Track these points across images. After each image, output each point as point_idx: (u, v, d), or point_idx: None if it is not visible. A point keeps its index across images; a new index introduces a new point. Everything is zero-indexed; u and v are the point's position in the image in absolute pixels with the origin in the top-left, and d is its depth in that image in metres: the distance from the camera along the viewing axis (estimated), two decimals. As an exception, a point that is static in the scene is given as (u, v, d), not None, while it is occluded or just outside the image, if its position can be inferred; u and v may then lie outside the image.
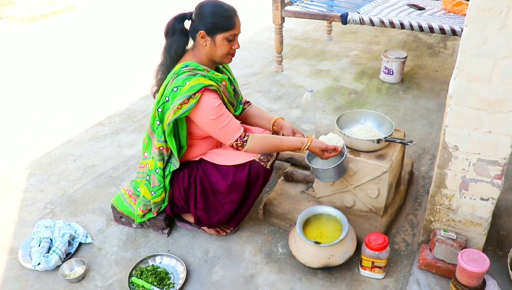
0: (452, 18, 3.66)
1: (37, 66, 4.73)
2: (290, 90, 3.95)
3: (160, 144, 2.01)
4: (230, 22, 1.93)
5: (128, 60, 4.86)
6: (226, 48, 1.97)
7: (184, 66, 1.95)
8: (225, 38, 1.94)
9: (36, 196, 2.64)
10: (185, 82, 1.88)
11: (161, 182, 2.10)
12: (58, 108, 3.75)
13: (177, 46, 2.00)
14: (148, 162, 2.14)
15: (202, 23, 1.93)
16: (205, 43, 1.96)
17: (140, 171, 2.21)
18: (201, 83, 1.88)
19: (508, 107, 1.59)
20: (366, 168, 2.11)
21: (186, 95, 1.86)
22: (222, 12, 1.93)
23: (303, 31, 5.55)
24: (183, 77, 1.90)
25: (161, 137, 2.00)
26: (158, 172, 2.08)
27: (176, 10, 2.08)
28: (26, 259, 2.15)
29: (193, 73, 1.92)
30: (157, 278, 2.00)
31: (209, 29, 1.92)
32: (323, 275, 2.05)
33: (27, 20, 6.26)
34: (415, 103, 3.65)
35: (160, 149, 2.02)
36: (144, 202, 2.17)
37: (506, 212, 2.37)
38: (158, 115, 1.97)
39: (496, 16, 1.48)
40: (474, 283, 1.67)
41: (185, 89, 1.86)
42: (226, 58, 2.03)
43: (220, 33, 1.93)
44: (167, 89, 1.93)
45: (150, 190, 2.13)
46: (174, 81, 1.92)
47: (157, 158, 2.05)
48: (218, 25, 1.92)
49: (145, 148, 2.16)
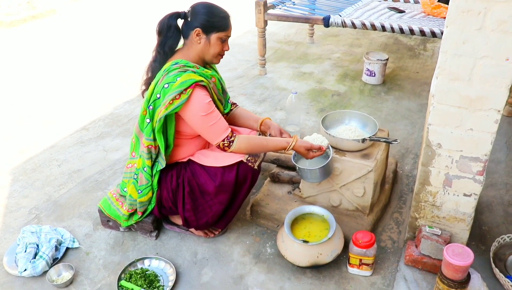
0: (432, 20, 3.74)
1: (18, 71, 4.67)
2: (274, 93, 3.98)
3: (149, 142, 2.02)
4: (225, 22, 2.02)
5: (111, 64, 4.83)
6: (218, 48, 2.04)
7: (174, 64, 1.98)
8: (219, 38, 2.01)
9: (21, 201, 2.61)
10: (176, 78, 1.90)
11: (149, 181, 2.10)
12: (40, 113, 3.71)
13: (171, 42, 2.04)
14: (135, 162, 2.14)
15: (198, 20, 1.98)
16: (199, 41, 2.00)
17: (127, 171, 2.21)
18: (192, 79, 1.91)
19: (488, 105, 1.65)
20: (351, 168, 2.14)
21: (178, 90, 1.88)
22: (218, 12, 2.01)
23: (285, 34, 5.60)
24: (173, 73, 1.92)
25: (150, 136, 2.01)
26: (146, 170, 2.08)
27: (158, 14, 2.10)
28: (11, 265, 2.12)
29: (184, 69, 1.95)
30: (147, 281, 2.00)
31: (205, 27, 1.98)
32: (312, 273, 2.07)
33: (6, 24, 6.17)
34: (397, 104, 3.72)
35: (149, 148, 2.03)
36: (130, 201, 2.16)
37: (487, 208, 2.44)
38: (149, 112, 1.98)
39: (475, 17, 1.53)
40: (459, 276, 1.72)
41: (176, 84, 1.89)
42: (216, 58, 2.08)
43: (215, 32, 1.99)
44: (157, 87, 1.95)
45: (137, 189, 2.12)
46: (164, 78, 1.94)
47: (145, 157, 2.05)
48: (214, 23, 1.98)
49: (133, 148, 2.16)
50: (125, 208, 2.20)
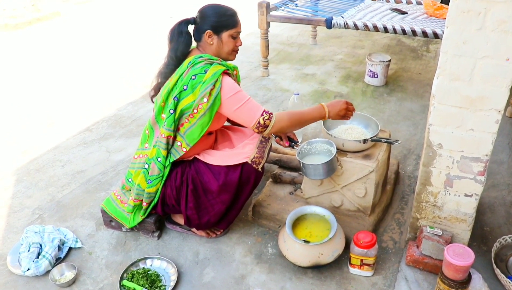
0: (434, 21, 3.75)
1: (23, 72, 4.70)
2: (277, 94, 3.99)
3: (169, 132, 2.03)
4: (233, 20, 2.08)
5: (114, 66, 4.85)
6: (231, 45, 2.10)
7: (198, 57, 2.02)
8: (230, 35, 2.08)
9: (24, 202, 2.63)
10: (204, 69, 1.95)
11: (161, 171, 2.10)
12: (44, 114, 3.73)
13: (183, 48, 2.07)
14: (147, 152, 2.14)
15: (207, 23, 2.04)
16: (212, 42, 2.06)
17: (135, 161, 2.20)
18: (220, 69, 1.97)
19: (488, 105, 1.65)
20: (353, 168, 2.15)
21: (211, 82, 1.93)
22: (225, 11, 2.07)
23: (288, 36, 5.61)
24: (200, 66, 1.97)
25: (171, 126, 2.01)
26: (160, 160, 2.08)
27: (162, 15, 2.12)
28: (15, 265, 2.13)
29: (209, 61, 2.00)
30: (149, 281, 2.01)
31: (215, 28, 2.04)
32: (313, 274, 2.08)
33: (11, 27, 6.22)
34: (400, 105, 3.72)
35: (168, 138, 2.04)
36: (138, 191, 2.15)
37: (489, 209, 2.44)
38: (174, 103, 1.99)
39: (475, 18, 1.53)
40: (460, 276, 1.72)
41: (208, 77, 1.93)
42: (231, 55, 2.14)
43: (225, 31, 2.06)
44: (182, 79, 1.98)
45: (146, 179, 2.12)
46: (190, 70, 1.97)
47: (163, 147, 2.05)
48: (223, 23, 2.04)
49: (146, 139, 2.17)
50: (132, 198, 2.19)
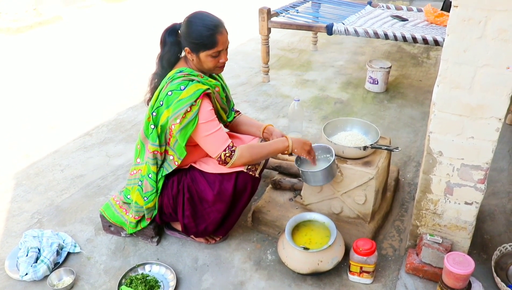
0: (435, 28, 3.76)
1: (24, 76, 4.71)
2: (277, 100, 3.99)
3: (154, 148, 2.03)
4: (211, 40, 1.94)
5: (115, 70, 4.86)
6: (211, 63, 2.01)
7: (178, 72, 1.99)
8: (209, 55, 1.98)
9: (23, 206, 2.62)
10: (180, 86, 1.92)
11: (154, 187, 2.11)
12: (44, 118, 3.73)
13: (168, 56, 2.06)
14: (140, 168, 2.15)
15: (186, 40, 1.98)
16: (192, 58, 2.02)
17: (131, 177, 2.21)
18: (200, 89, 1.92)
19: (489, 113, 1.65)
20: (353, 175, 2.14)
21: (188, 103, 1.89)
22: (204, 31, 1.93)
23: (289, 42, 5.63)
24: (177, 82, 1.94)
25: (156, 141, 2.02)
26: (151, 177, 2.09)
27: (163, 20, 2.12)
28: (13, 269, 2.12)
29: (188, 78, 1.96)
30: (147, 287, 2.00)
31: (192, 47, 1.97)
32: (312, 281, 2.07)
33: (13, 31, 6.23)
34: (400, 112, 3.72)
35: (154, 153, 2.04)
36: (137, 208, 2.16)
37: (489, 217, 2.43)
38: (153, 119, 2.00)
39: (476, 26, 1.53)
40: (460, 285, 1.71)
41: (184, 96, 1.89)
42: (215, 70, 2.08)
43: (203, 51, 1.97)
44: (161, 94, 1.97)
45: (142, 196, 2.13)
46: (168, 86, 1.95)
47: (151, 162, 2.06)
48: (199, 44, 1.95)
49: (138, 154, 2.17)
50: (132, 216, 2.19)
